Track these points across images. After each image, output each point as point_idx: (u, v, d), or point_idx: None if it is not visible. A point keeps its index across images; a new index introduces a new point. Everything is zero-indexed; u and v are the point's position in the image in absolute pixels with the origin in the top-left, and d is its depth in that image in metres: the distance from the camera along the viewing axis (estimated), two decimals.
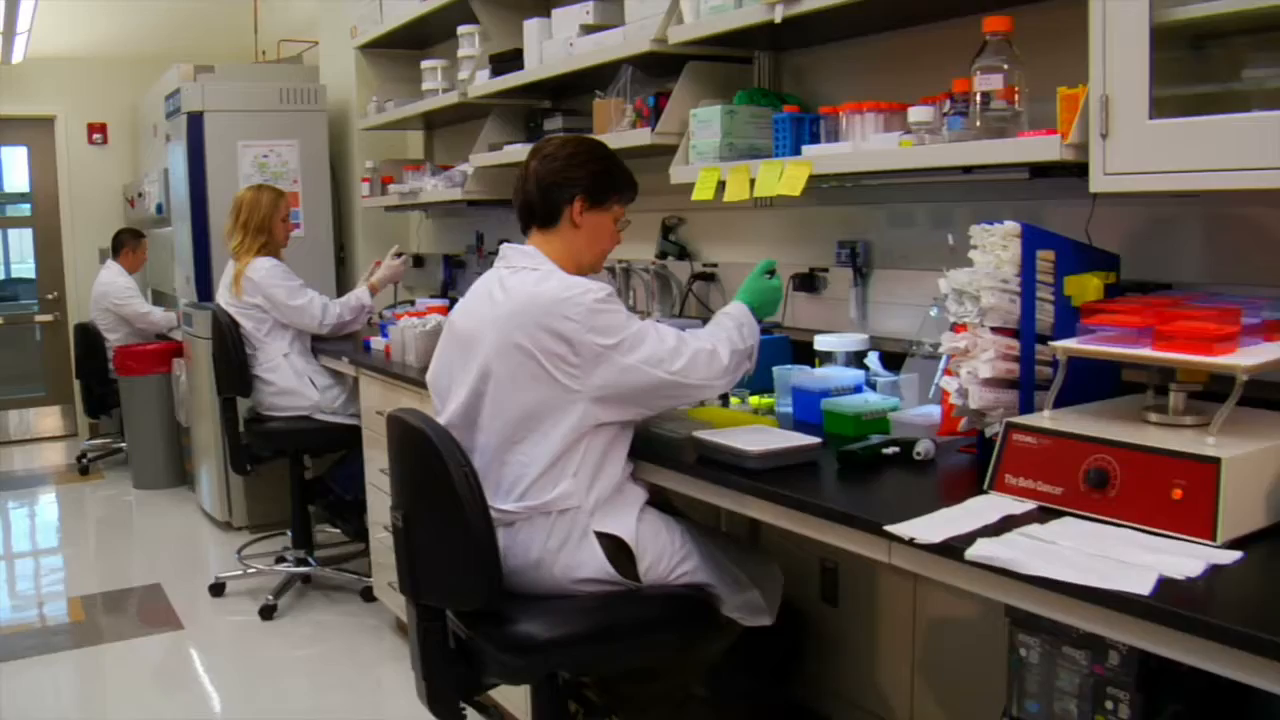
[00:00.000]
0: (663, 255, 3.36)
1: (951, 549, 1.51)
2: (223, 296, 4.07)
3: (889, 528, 1.59)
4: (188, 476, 5.85)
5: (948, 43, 2.43)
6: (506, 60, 3.53)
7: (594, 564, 1.99)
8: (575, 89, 3.65)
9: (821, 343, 2.52)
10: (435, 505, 1.93)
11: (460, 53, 3.87)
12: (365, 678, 3.51)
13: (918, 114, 2.16)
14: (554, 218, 2.12)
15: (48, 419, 7.58)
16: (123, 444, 6.45)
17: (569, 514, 1.98)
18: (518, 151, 3.57)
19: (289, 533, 4.38)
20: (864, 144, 2.29)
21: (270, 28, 6.42)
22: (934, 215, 2.59)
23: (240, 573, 4.26)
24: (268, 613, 3.94)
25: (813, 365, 2.54)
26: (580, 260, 2.15)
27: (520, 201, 2.15)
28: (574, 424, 1.96)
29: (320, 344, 4.09)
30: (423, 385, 3.12)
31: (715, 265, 3.16)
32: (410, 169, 4.39)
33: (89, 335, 6.31)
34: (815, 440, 2.00)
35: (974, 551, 1.48)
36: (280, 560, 4.29)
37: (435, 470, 1.88)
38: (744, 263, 3.09)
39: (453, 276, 4.66)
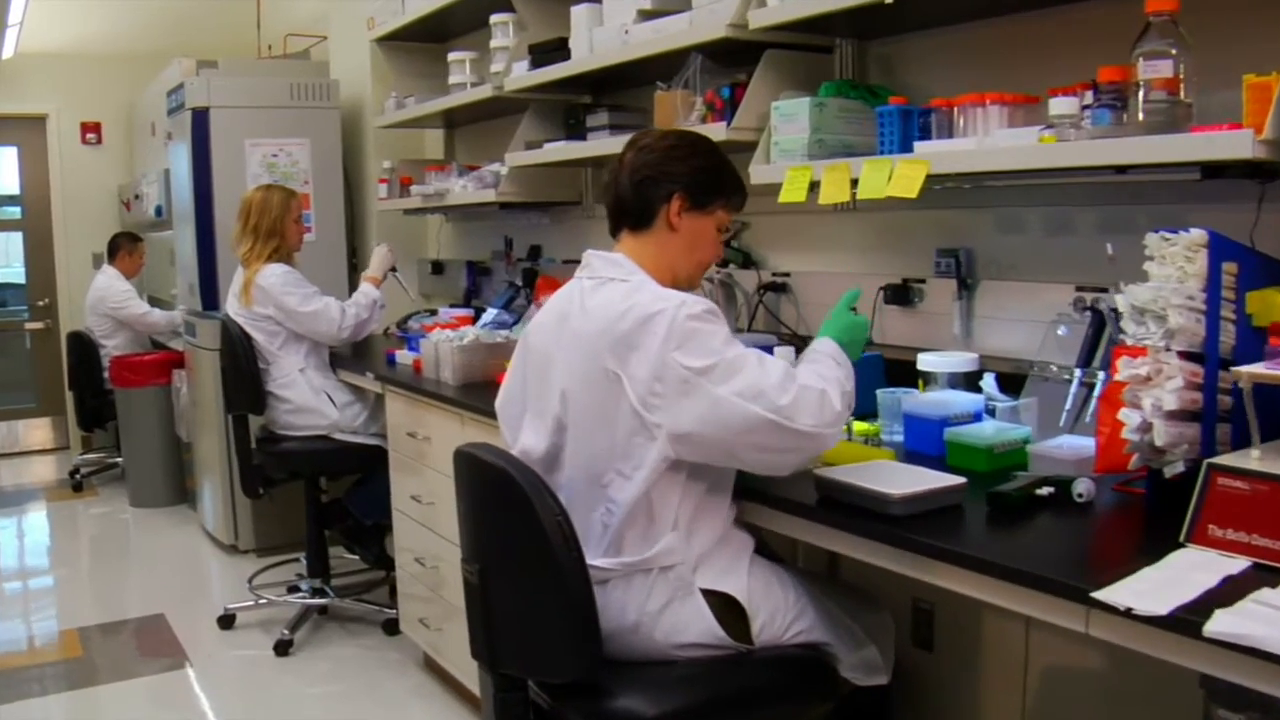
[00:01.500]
0: (724, 263, 3.07)
1: (1184, 623, 1.24)
2: (232, 306, 3.77)
3: (1098, 595, 1.31)
4: (188, 494, 5.54)
5: (1054, 30, 2.21)
6: (548, 51, 3.25)
7: (701, 626, 1.71)
8: (619, 82, 3.38)
9: (926, 362, 2.24)
10: (521, 560, 1.65)
11: (493, 43, 3.58)
12: (389, 717, 3.21)
13: (1061, 106, 1.88)
14: (648, 218, 1.83)
15: (38, 431, 7.24)
16: (118, 459, 6.14)
17: (671, 571, 1.70)
18: (560, 150, 3.29)
19: (302, 558, 4.08)
20: (989, 140, 2.01)
21: (273, 23, 6.12)
22: (1050, 220, 2.31)
23: (251, 603, 3.95)
24: (283, 648, 3.63)
25: (914, 387, 2.27)
26: (676, 269, 1.86)
27: (611, 198, 1.87)
28: (654, 465, 1.67)
29: (339, 357, 3.79)
30: (463, 406, 2.85)
31: (787, 275, 2.88)
32: (433, 169, 4.10)
33: (83, 344, 5.99)
34: (960, 480, 1.73)
35: (1216, 627, 1.21)
36: (294, 590, 3.99)
37: (522, 518, 1.59)
38: (820, 272, 2.82)
39: (476, 284, 4.36)
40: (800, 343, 2.75)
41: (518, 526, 1.61)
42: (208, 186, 4.60)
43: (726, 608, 1.73)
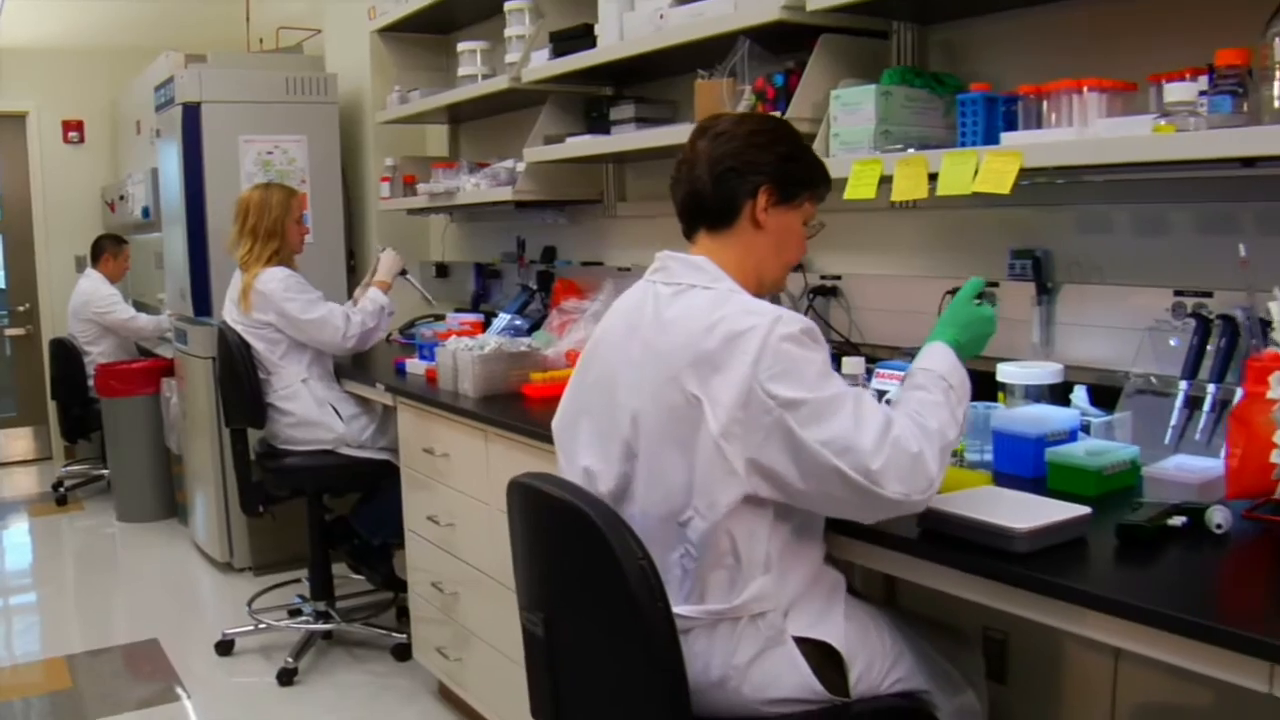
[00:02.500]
0: None
1: None
2: (229, 313, 3.53)
3: None
4: (178, 508, 5.29)
5: (1140, 13, 2.04)
6: (572, 38, 3.03)
7: (795, 680, 1.50)
8: (645, 73, 3.18)
9: (1007, 374, 2.05)
10: (595, 610, 1.44)
11: (508, 32, 3.37)
12: None
13: (1178, 93, 1.69)
14: (730, 215, 1.62)
15: (19, 442, 6.96)
16: (104, 470, 5.88)
17: (762, 619, 1.49)
18: (583, 145, 3.08)
19: (304, 579, 3.85)
20: (1092, 130, 1.81)
21: (262, 17, 5.87)
22: (1141, 219, 2.12)
23: (250, 628, 3.72)
24: (286, 677, 3.40)
25: (989, 400, 2.07)
26: (762, 273, 1.65)
27: (684, 194, 1.65)
28: (737, 502, 1.46)
29: (344, 367, 3.56)
30: (487, 421, 2.63)
31: (838, 278, 2.67)
32: (441, 166, 3.88)
33: (66, 351, 5.73)
34: (1085, 510, 1.53)
35: None
36: (296, 613, 3.76)
37: (597, 562, 1.38)
38: (874, 274, 2.62)
39: (485, 287, 4.15)
40: (851, 350, 2.57)
41: (592, 571, 1.40)
42: (199, 186, 4.35)
43: (822, 657, 1.53)
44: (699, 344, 1.48)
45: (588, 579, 1.43)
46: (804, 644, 1.51)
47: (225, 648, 3.67)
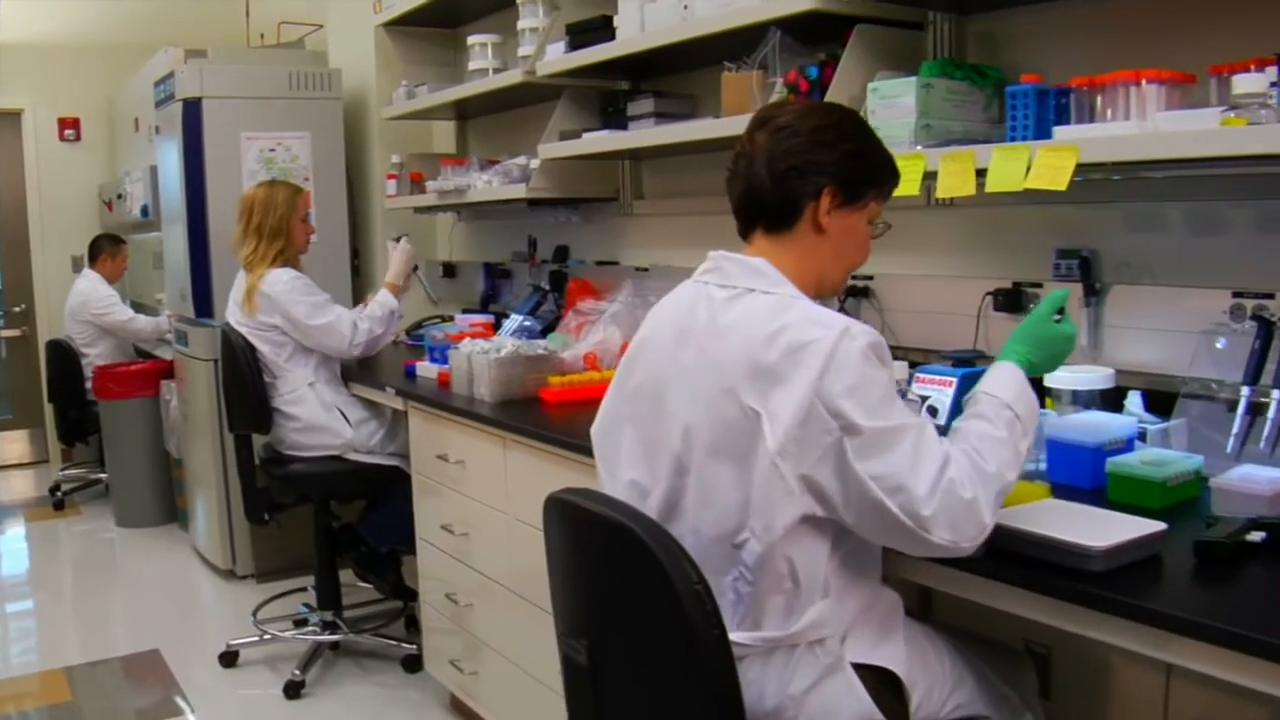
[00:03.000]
0: None
1: None
2: (233, 315, 3.43)
3: None
4: (178, 513, 5.19)
5: (1184, 6, 1.95)
6: (589, 31, 2.94)
7: (854, 709, 1.40)
8: (663, 66, 3.08)
9: (1057, 379, 1.95)
10: (645, 637, 1.34)
11: (521, 24, 3.27)
12: None
13: (1248, 84, 1.60)
14: (791, 217, 1.51)
15: (15, 445, 6.84)
16: (102, 474, 5.77)
17: (820, 645, 1.39)
18: (600, 140, 2.99)
19: (310, 588, 3.75)
20: (1154, 124, 1.72)
21: (263, 12, 5.76)
22: (1195, 217, 2.02)
23: (255, 638, 3.62)
24: (294, 690, 3.30)
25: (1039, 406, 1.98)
26: (823, 277, 1.55)
27: (741, 191, 1.54)
28: (796, 524, 1.37)
29: (351, 370, 3.46)
30: (505, 427, 2.54)
31: (869, 278, 2.58)
32: (450, 164, 3.78)
33: (63, 353, 5.63)
34: (1160, 526, 1.44)
35: None
36: (302, 623, 3.66)
37: (649, 586, 1.29)
38: (908, 274, 2.53)
39: (495, 288, 4.05)
40: None
41: (642, 596, 1.31)
42: (200, 184, 4.25)
43: (880, 683, 1.43)
44: (758, 355, 1.38)
45: (637, 603, 1.33)
46: (862, 670, 1.42)
47: (229, 659, 3.57)
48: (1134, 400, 1.94)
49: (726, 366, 1.40)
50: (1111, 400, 1.97)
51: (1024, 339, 1.55)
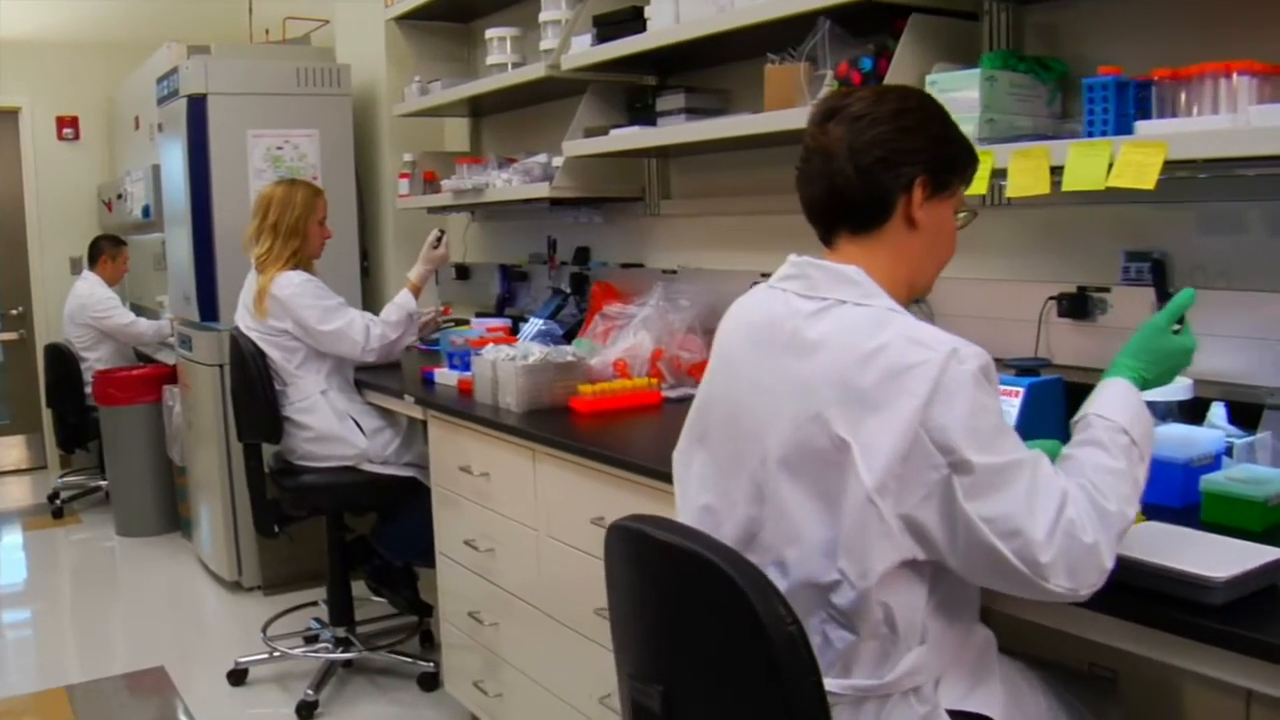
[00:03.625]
0: None
1: None
2: (243, 318, 3.29)
3: None
4: (181, 522, 5.05)
5: None
6: (618, 23, 2.81)
7: None
8: (693, 61, 2.97)
9: None
10: (729, 683, 1.21)
11: (543, 16, 3.14)
12: None
13: None
14: (881, 215, 1.37)
15: (12, 450, 6.70)
16: (102, 482, 5.63)
17: (915, 694, 1.27)
18: (630, 137, 2.86)
19: (321, 601, 3.62)
20: (1250, 118, 1.59)
21: (267, 9, 5.63)
22: (1275, 218, 1.90)
23: (265, 655, 3.48)
24: (307, 711, 3.17)
25: None
26: (915, 279, 1.42)
27: (821, 192, 1.39)
28: (893, 567, 1.24)
29: (365, 375, 3.33)
30: (535, 439, 2.40)
31: None
32: (465, 162, 3.65)
33: (62, 357, 5.49)
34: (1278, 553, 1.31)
35: None
36: (313, 639, 3.53)
37: (735, 628, 1.16)
38: (961, 278, 2.38)
39: (511, 290, 3.91)
40: None
41: (728, 638, 1.18)
42: (205, 183, 4.11)
43: None
44: (851, 377, 1.24)
45: (721, 646, 1.20)
46: (958, 717, 1.29)
47: (238, 677, 3.44)
48: (1217, 412, 1.81)
49: (813, 389, 1.27)
50: (1189, 412, 1.85)
51: (1138, 352, 1.42)
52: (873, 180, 1.35)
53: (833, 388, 1.25)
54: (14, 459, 6.69)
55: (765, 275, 2.69)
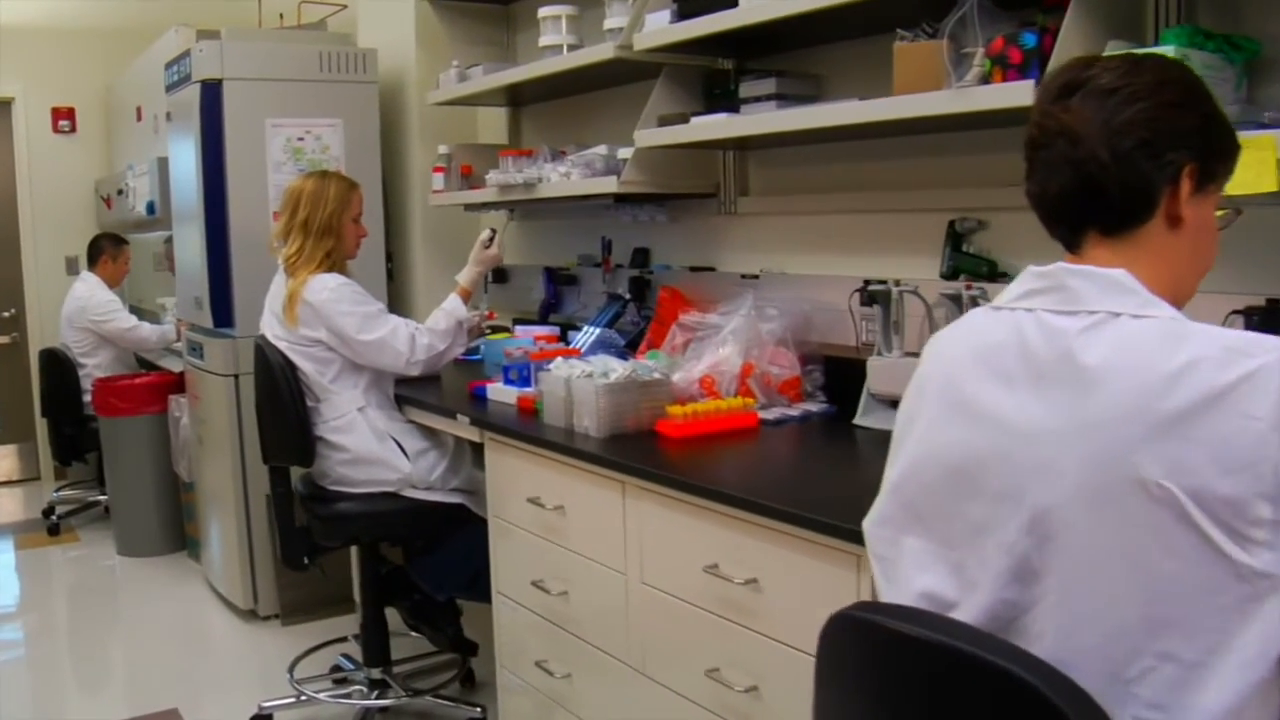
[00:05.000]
0: (954, 274, 2.34)
1: None
2: (270, 327, 2.96)
3: None
4: (188, 541, 4.71)
5: None
6: None
7: None
8: (779, 42, 2.64)
9: None
10: None
11: None
12: None
13: None
14: (1143, 210, 1.10)
15: (3, 461, 6.33)
16: (101, 496, 5.28)
17: None
18: (715, 126, 2.55)
19: (351, 637, 3.29)
20: None
21: None
22: None
23: (292, 699, 3.15)
24: None
25: None
26: (1178, 290, 1.13)
27: (1067, 183, 1.11)
28: (1262, 646, 0.93)
29: (405, 390, 3.00)
30: (629, 470, 2.08)
31: None
32: (511, 154, 3.32)
33: (58, 363, 5.14)
34: None
35: None
36: (343, 681, 3.20)
37: None
38: None
39: (558, 295, 3.59)
40: None
41: None
42: (220, 176, 3.77)
43: None
44: (1157, 404, 0.96)
45: None
46: None
47: None
48: None
49: (1106, 427, 0.98)
50: None
51: None
52: (1133, 169, 1.07)
53: (1134, 423, 0.96)
54: (5, 470, 6.33)
55: (870, 282, 2.41)
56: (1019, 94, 1.79)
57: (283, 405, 2.85)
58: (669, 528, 2.00)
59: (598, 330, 3.11)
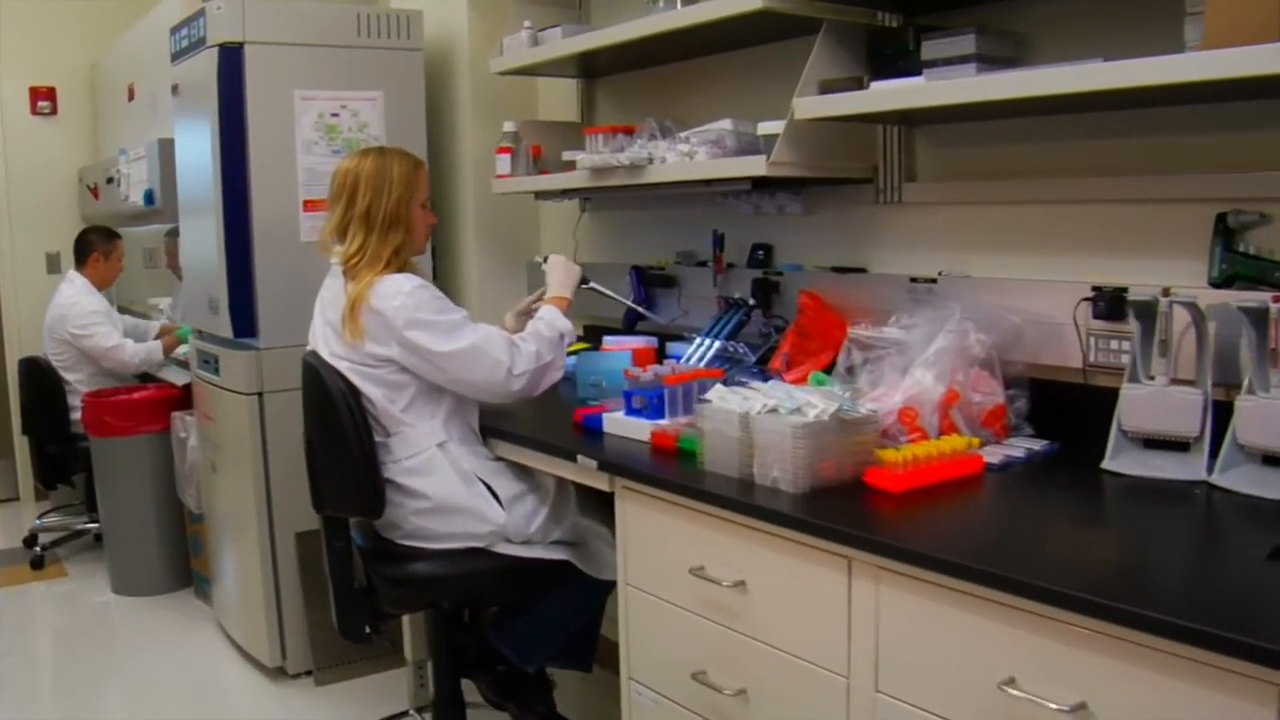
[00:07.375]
0: (1227, 281, 1.83)
1: None
2: (326, 342, 2.39)
3: None
4: (195, 578, 4.14)
5: None
6: None
7: None
8: None
9: None
10: None
11: None
12: None
13: None
14: None
15: None
16: (90, 524, 4.68)
17: None
18: (910, 91, 2.01)
19: (413, 711, 2.74)
20: None
21: None
22: None
23: None
24: None
25: None
26: None
27: None
28: None
29: (490, 421, 2.44)
30: (861, 544, 1.53)
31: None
32: (598, 131, 2.78)
33: (40, 374, 4.53)
34: None
35: None
36: None
37: None
38: None
39: (649, 299, 3.04)
40: None
41: None
42: (241, 158, 3.20)
43: None
44: None
45: None
46: None
47: None
48: None
49: None
50: None
51: None
52: None
53: None
54: None
55: (1103, 289, 1.89)
56: None
57: (345, 442, 2.29)
58: (924, 624, 1.47)
59: (716, 343, 2.58)
